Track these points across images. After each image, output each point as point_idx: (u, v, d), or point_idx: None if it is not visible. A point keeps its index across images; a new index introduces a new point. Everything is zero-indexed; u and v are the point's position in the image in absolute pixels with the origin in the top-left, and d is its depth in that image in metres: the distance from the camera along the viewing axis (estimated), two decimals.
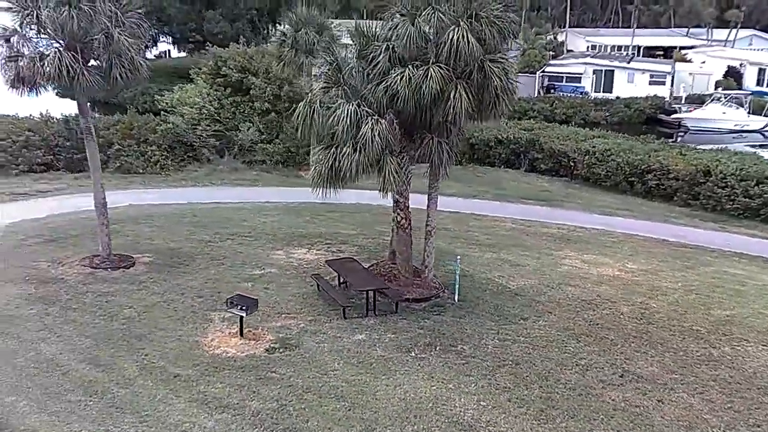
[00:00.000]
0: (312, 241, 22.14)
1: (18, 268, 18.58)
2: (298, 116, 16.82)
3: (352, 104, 15.56)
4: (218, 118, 33.10)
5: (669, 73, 59.25)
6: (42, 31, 16.85)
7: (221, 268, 19.46)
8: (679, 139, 49.07)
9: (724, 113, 50.35)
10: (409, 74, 15.20)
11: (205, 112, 32.82)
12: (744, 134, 49.54)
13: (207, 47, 37.37)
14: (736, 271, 20.81)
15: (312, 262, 20.26)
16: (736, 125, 49.74)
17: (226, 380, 13.54)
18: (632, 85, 58.51)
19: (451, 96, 15.20)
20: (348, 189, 28.66)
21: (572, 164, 32.28)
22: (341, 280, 18.32)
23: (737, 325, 16.69)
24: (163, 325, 15.82)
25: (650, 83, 58.48)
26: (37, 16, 16.59)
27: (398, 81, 15.26)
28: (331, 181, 16.56)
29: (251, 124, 32.98)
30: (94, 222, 20.23)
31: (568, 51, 79.48)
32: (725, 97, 52.02)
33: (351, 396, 13.12)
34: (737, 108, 50.68)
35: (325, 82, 16.69)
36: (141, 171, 30.22)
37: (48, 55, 16.42)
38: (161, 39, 68.81)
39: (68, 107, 33.86)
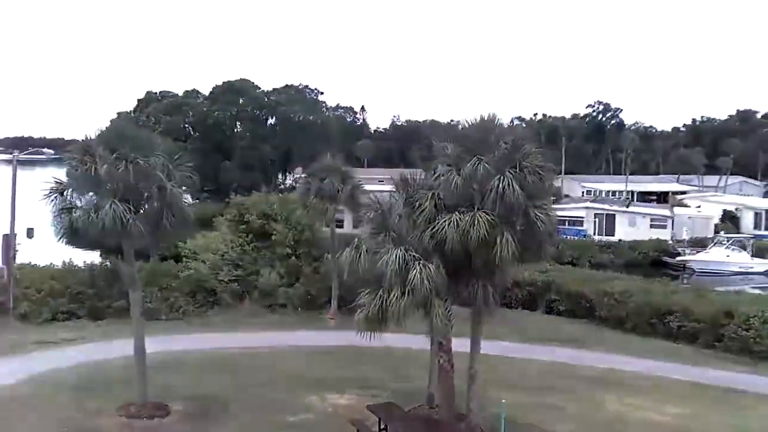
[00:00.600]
0: (344, 385, 21.89)
1: (53, 420, 18.19)
2: (345, 259, 17.22)
3: (400, 249, 16.03)
4: (240, 263, 33.61)
5: (669, 217, 61.02)
6: (98, 184, 17.50)
7: (257, 415, 19.15)
8: (685, 281, 49.66)
9: (728, 256, 51.37)
10: (456, 220, 15.80)
11: (228, 258, 33.39)
12: (749, 276, 50.28)
13: (229, 197, 38.61)
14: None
15: (347, 407, 19.97)
16: (740, 267, 50.59)
17: None
18: (634, 228, 60.04)
19: (498, 241, 15.71)
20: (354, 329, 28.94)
21: (591, 306, 32.42)
22: (382, 426, 17.95)
23: None
24: None
25: (651, 227, 60.10)
26: (94, 170, 17.34)
27: (446, 226, 15.84)
28: (377, 323, 16.63)
29: (272, 269, 33.43)
30: (122, 369, 20.08)
31: (565, 196, 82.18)
32: (728, 241, 53.23)
33: None
34: (740, 251, 51.78)
35: (372, 228, 17.23)
36: (164, 317, 30.21)
37: (103, 207, 16.98)
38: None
39: (89, 255, 34.54)
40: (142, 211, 18.09)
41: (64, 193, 18.07)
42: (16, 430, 15.65)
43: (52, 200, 18.22)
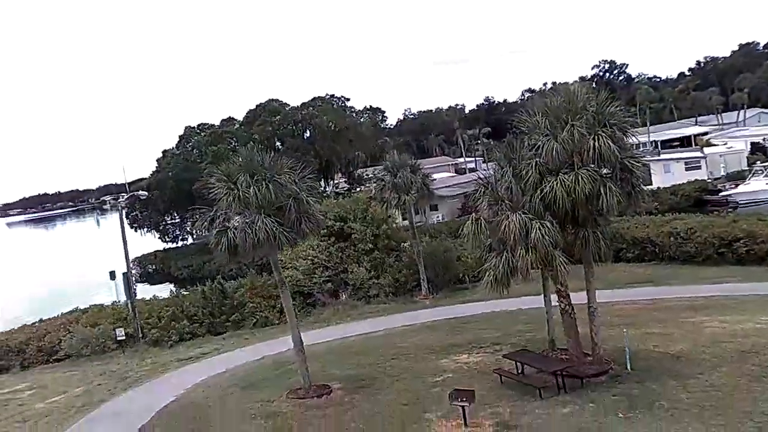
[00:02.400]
0: (467, 348, 24.57)
1: (236, 410, 21.12)
2: (467, 232, 19.95)
3: (517, 214, 18.72)
4: (328, 264, 36.49)
5: (702, 157, 62.98)
6: (246, 205, 20.33)
7: (404, 381, 21.86)
8: (730, 214, 51.65)
9: (767, 184, 53.35)
10: (562, 180, 18.44)
11: (317, 261, 36.28)
12: None
13: None
14: None
15: (479, 363, 22.65)
16: None
17: None
18: (670, 174, 62.03)
19: (602, 191, 18.31)
20: (462, 304, 31.65)
21: (657, 248, 34.84)
22: (519, 370, 20.61)
23: None
24: (396, 429, 18.08)
25: (686, 169, 62.09)
26: (239, 194, 20.19)
27: (555, 187, 18.47)
28: (505, 280, 19.31)
29: (358, 265, 36.27)
30: (267, 368, 22.94)
31: None
32: (765, 170, 55.20)
33: None
34: None
35: (488, 201, 19.90)
36: (277, 322, 33.12)
37: (256, 223, 19.84)
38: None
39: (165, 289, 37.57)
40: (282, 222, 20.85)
41: (215, 220, 20.89)
42: (228, 424, 18.55)
43: (203, 228, 21.12)
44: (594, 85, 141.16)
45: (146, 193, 47.69)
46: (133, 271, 70.14)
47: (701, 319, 23.91)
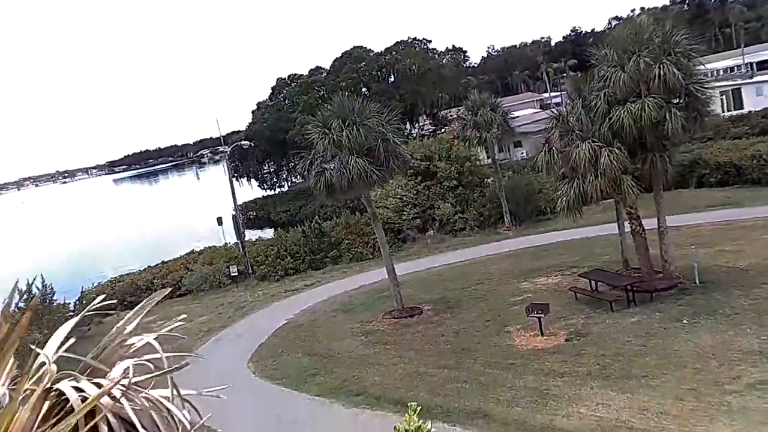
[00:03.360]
0: (546, 272, 26.51)
1: (341, 330, 24.12)
2: (541, 162, 21.73)
3: (587, 142, 20.30)
4: (416, 202, 38.87)
5: None
6: (340, 147, 22.78)
7: (487, 302, 24.15)
8: None
9: None
10: (629, 108, 19.81)
11: (406, 199, 38.72)
12: None
13: None
14: None
15: (556, 284, 24.60)
16: None
17: (550, 359, 17.91)
18: (762, 97, 60.04)
19: (668, 118, 19.58)
20: (543, 234, 33.29)
21: (740, 172, 35.12)
22: (593, 287, 22.46)
23: None
24: (476, 341, 20.51)
25: None
26: (333, 138, 22.65)
27: (622, 115, 19.88)
28: (577, 205, 21.05)
29: (443, 201, 38.44)
30: (365, 296, 25.42)
31: None
32: None
33: (653, 350, 17.12)
34: None
35: (560, 131, 21.54)
36: (370, 256, 36.00)
37: (350, 164, 22.29)
38: None
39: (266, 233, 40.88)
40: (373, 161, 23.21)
41: (313, 163, 23.49)
42: (332, 337, 21.64)
43: (304, 170, 23.80)
44: (686, 7, 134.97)
45: (248, 142, 51.09)
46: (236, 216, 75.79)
47: None
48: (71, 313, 29.59)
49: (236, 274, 35.12)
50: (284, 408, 18.29)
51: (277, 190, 75.01)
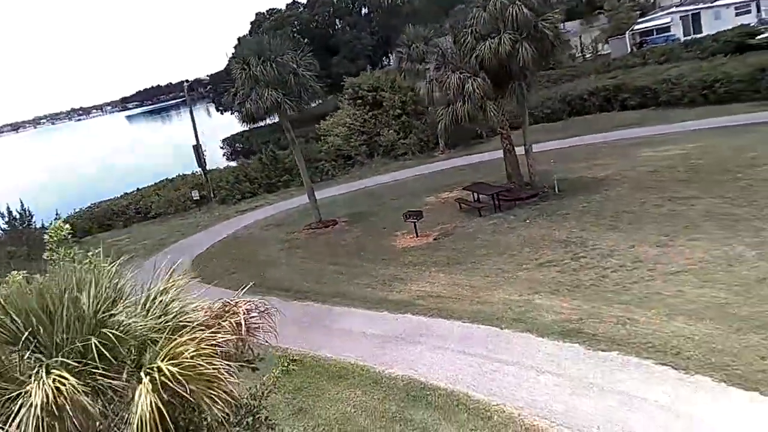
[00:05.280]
0: (452, 187, 30.38)
1: (267, 240, 28.44)
2: (424, 92, 25.32)
3: (456, 73, 23.84)
4: (363, 129, 42.52)
5: (753, 1, 62.19)
6: (256, 81, 26.43)
7: (395, 213, 28.01)
8: None
9: None
10: (489, 43, 23.24)
11: (353, 127, 42.38)
12: None
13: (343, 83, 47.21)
14: None
15: (454, 197, 28.48)
16: None
17: (414, 254, 22.05)
18: (720, 21, 61.91)
19: (520, 51, 23.01)
20: (470, 156, 36.86)
21: (655, 95, 38.28)
22: (475, 198, 26.36)
23: (763, 158, 22.94)
24: (368, 243, 24.71)
25: (736, 15, 61.60)
26: (251, 73, 26.29)
27: (484, 49, 23.34)
28: (452, 127, 24.74)
29: (388, 128, 42.05)
30: (299, 213, 29.56)
31: (659, 7, 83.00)
32: None
33: (492, 242, 21.20)
34: None
35: (436, 65, 25.06)
36: (318, 180, 40.00)
37: (264, 95, 26.00)
38: None
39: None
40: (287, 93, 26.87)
41: (237, 93, 27.21)
42: (258, 246, 26.02)
43: (230, 102, 27.54)
44: None
45: (207, 77, 54.34)
46: (223, 149, 79.64)
47: (641, 151, 28.37)
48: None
49: (198, 198, 39.36)
50: (209, 296, 22.67)
51: (261, 123, 78.51)
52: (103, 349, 5.59)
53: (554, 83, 50.28)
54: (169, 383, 5.57)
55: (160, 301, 6.49)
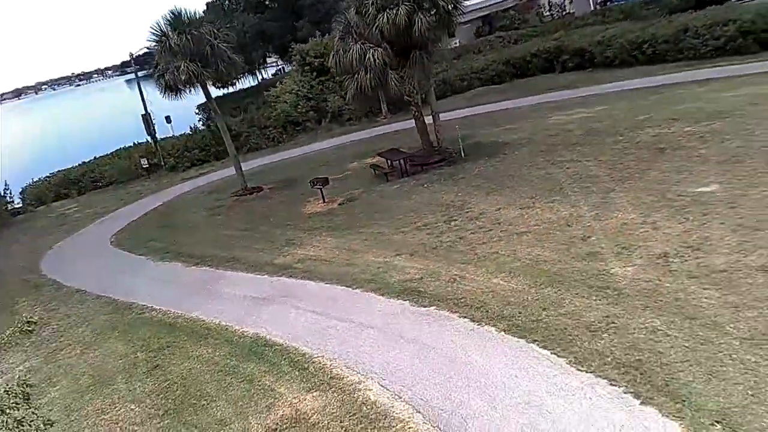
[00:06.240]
0: (376, 153, 31.38)
1: (196, 206, 29.71)
2: (332, 62, 26.18)
3: (358, 43, 24.71)
4: (311, 96, 43.37)
5: None
6: (172, 53, 27.35)
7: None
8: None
9: None
10: (387, 14, 24.06)
11: (301, 94, 43.22)
12: None
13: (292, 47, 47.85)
14: (675, 93, 27.48)
15: (374, 162, 29.59)
16: None
17: (317, 219, 23.28)
18: None
19: (416, 21, 23.84)
20: (404, 121, 37.67)
21: (592, 56, 38.98)
22: (389, 164, 27.45)
23: (652, 121, 23.93)
24: (282, 209, 25.96)
25: None
26: (168, 45, 27.18)
27: (382, 20, 24.16)
28: (359, 95, 25.69)
29: (335, 95, 42.86)
30: (234, 180, 30.85)
31: None
32: None
33: (387, 206, 22.39)
34: None
35: (340, 35, 25.90)
36: (265, 147, 41.13)
37: (180, 67, 26.93)
38: (269, 56, 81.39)
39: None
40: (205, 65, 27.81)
41: (158, 66, 28.16)
42: (185, 213, 27.60)
43: (154, 73, 28.54)
44: None
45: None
46: (198, 115, 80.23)
47: (554, 115, 29.31)
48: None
49: (147, 166, 40.51)
50: (117, 262, 24.05)
51: (230, 89, 79.12)
52: None
53: (515, 43, 50.90)
54: None
55: None
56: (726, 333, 10.44)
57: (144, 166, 40.67)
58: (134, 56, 47.98)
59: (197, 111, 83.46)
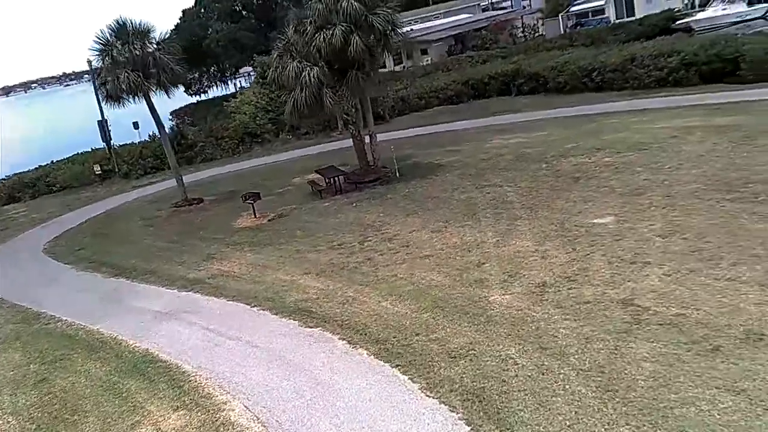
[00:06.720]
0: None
1: (135, 216, 29.75)
2: (270, 78, 26.43)
3: (295, 61, 24.99)
4: (270, 108, 43.59)
5: None
6: (115, 63, 27.50)
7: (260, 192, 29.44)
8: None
9: (724, 9, 54.34)
10: (323, 34, 24.37)
11: (260, 106, 43.44)
12: (748, 23, 53.12)
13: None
14: (609, 122, 27.98)
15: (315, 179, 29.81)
16: (738, 17, 53.55)
17: (243, 234, 23.42)
18: (651, 4, 63.02)
19: (352, 41, 24.16)
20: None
21: (545, 81, 39.57)
22: (327, 180, 27.67)
23: (577, 149, 24.37)
24: (216, 221, 26.05)
25: None
26: (111, 55, 27.35)
27: (319, 39, 24.46)
28: (296, 113, 25.94)
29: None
30: (178, 190, 31.07)
31: None
32: None
33: (312, 224, 22.59)
34: (737, 2, 54.50)
35: (278, 53, 26.19)
36: (219, 158, 41.24)
37: (121, 77, 27.07)
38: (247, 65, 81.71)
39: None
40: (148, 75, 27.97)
41: (100, 75, 28.29)
42: (122, 222, 27.60)
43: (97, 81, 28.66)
44: None
45: None
46: (172, 121, 79.97)
47: (494, 138, 29.72)
48: None
49: (100, 172, 40.49)
50: (42, 270, 24.00)
51: (204, 96, 79.35)
52: None
53: (484, 63, 51.38)
54: None
55: None
56: (568, 364, 10.72)
57: (97, 172, 40.62)
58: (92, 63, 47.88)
59: (170, 117, 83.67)
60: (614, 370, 10.24)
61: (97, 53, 27.72)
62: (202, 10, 72.75)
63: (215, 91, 79.79)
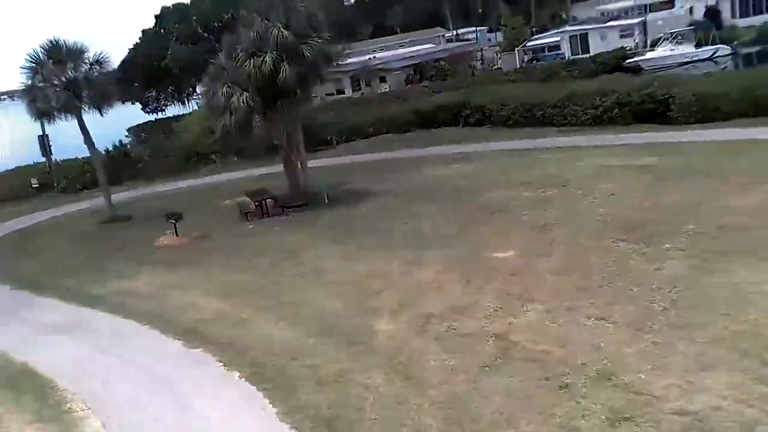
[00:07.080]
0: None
1: (63, 230, 29.36)
2: (202, 102, 26.38)
3: (225, 86, 24.96)
4: (214, 130, 43.32)
5: (636, 24, 65.06)
6: (47, 80, 27.28)
7: (194, 212, 28.93)
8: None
9: (672, 50, 55.92)
10: (253, 61, 24.43)
11: (206, 127, 43.19)
12: (696, 64, 54.61)
13: None
14: (540, 158, 28.32)
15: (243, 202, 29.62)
16: (685, 58, 55.11)
17: (162, 253, 23.18)
18: (605, 42, 64.46)
19: (281, 70, 24.26)
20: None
21: (491, 114, 40.01)
22: (256, 204, 27.44)
23: (504, 184, 24.58)
24: (137, 240, 25.70)
25: (620, 37, 64.25)
26: (41, 72, 27.12)
27: (250, 66, 24.51)
28: (225, 136, 25.87)
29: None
30: (112, 206, 30.75)
31: (572, 21, 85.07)
32: (672, 36, 57.44)
33: (232, 246, 22.41)
34: (686, 43, 56.18)
35: (210, 77, 26.19)
36: (163, 176, 40.83)
37: (51, 95, 26.84)
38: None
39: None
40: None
41: (30, 92, 27.98)
42: (46, 236, 27.23)
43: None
44: None
45: None
46: (129, 138, 78.88)
47: (430, 167, 29.79)
48: None
49: (37, 185, 39.87)
50: None
51: (161, 114, 78.73)
52: None
53: (439, 93, 51.64)
54: None
55: None
56: (426, 395, 10.70)
57: (34, 186, 39.99)
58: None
59: (127, 134, 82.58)
60: (467, 403, 10.24)
61: (27, 71, 27.44)
62: (162, 31, 72.32)
63: (174, 110, 79.21)
